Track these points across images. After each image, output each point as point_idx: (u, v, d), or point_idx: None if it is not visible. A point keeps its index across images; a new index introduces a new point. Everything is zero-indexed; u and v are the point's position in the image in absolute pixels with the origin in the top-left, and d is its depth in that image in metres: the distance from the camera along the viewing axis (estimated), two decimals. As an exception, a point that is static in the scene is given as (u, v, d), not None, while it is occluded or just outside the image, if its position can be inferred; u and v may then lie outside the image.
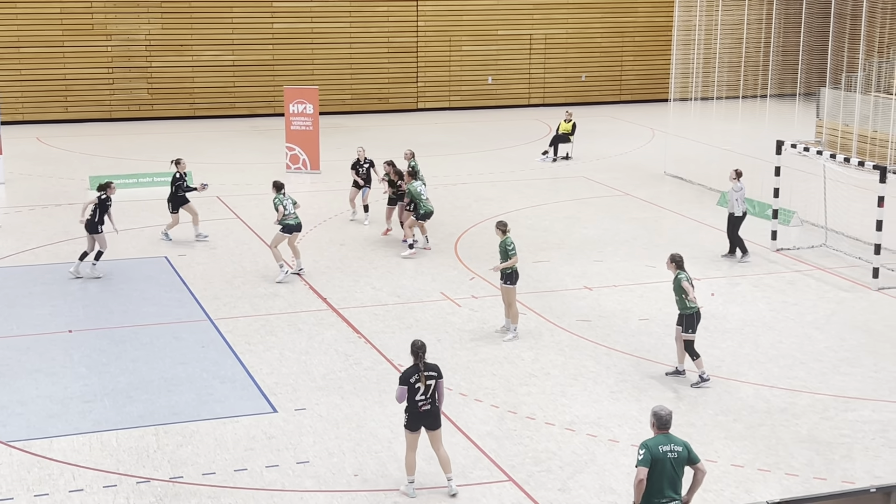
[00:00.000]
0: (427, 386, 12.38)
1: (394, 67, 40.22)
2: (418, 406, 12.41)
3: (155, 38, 37.72)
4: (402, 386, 12.40)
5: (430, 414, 12.48)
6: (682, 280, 15.63)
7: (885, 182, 19.83)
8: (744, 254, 21.55)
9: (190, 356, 16.77)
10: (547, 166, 31.13)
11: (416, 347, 12.51)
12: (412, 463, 12.62)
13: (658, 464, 10.17)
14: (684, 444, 10.38)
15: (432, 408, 12.46)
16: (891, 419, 14.72)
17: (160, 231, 23.33)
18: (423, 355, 12.47)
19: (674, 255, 15.98)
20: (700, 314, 15.83)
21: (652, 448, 10.20)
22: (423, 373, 12.39)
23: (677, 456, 10.26)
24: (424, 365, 12.45)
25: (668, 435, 10.34)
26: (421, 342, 12.57)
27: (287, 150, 29.93)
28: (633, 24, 42.49)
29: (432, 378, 12.43)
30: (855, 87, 31.40)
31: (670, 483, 10.25)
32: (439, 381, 12.49)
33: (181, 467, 13.27)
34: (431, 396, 12.43)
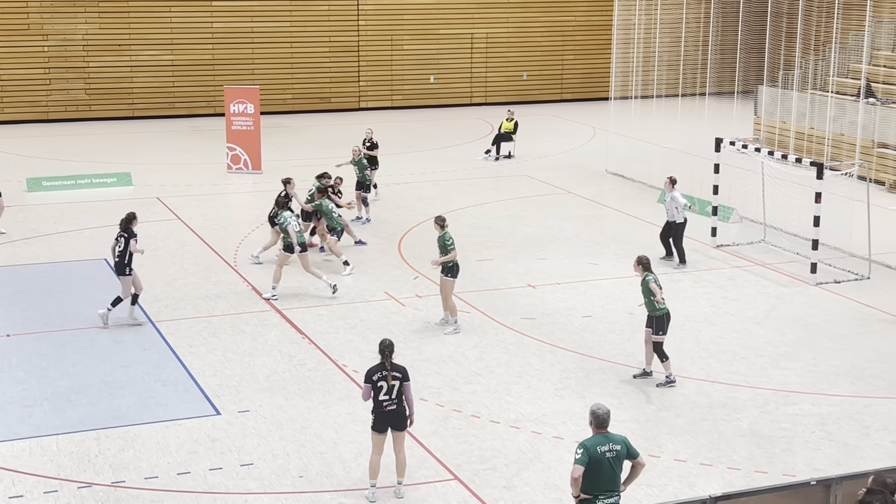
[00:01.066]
0: (391, 386, 12.30)
1: (335, 67, 40.09)
2: (383, 406, 12.34)
3: (92, 37, 37.27)
4: (367, 384, 12.35)
5: (396, 414, 12.40)
6: (650, 282, 15.63)
7: (822, 178, 20.11)
8: (681, 262, 21.53)
9: (131, 359, 16.59)
10: (489, 165, 31.20)
11: (382, 346, 12.45)
12: (376, 466, 12.52)
13: (596, 463, 10.25)
14: (623, 440, 10.47)
15: (399, 408, 12.39)
16: (830, 412, 14.94)
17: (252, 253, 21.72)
18: (389, 355, 12.40)
19: (640, 257, 15.90)
20: (670, 316, 15.87)
21: (590, 448, 10.27)
22: (389, 372, 12.32)
23: (616, 454, 10.34)
24: (391, 365, 12.38)
25: (606, 434, 10.41)
26: (388, 341, 12.51)
27: (228, 150, 29.71)
28: (574, 24, 42.72)
29: (397, 379, 12.35)
30: (792, 85, 31.82)
31: (609, 481, 10.34)
32: (405, 383, 12.40)
33: (123, 471, 13.12)
34: (398, 397, 12.35)
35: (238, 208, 26.68)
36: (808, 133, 30.02)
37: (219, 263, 21.54)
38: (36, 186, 27.37)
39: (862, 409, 15.08)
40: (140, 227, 23.14)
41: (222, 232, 23.72)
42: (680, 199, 21.32)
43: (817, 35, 36.15)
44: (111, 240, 18.37)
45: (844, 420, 14.72)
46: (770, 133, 31.73)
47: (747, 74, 38.80)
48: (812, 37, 36.13)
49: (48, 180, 27.68)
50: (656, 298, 15.55)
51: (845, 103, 30.00)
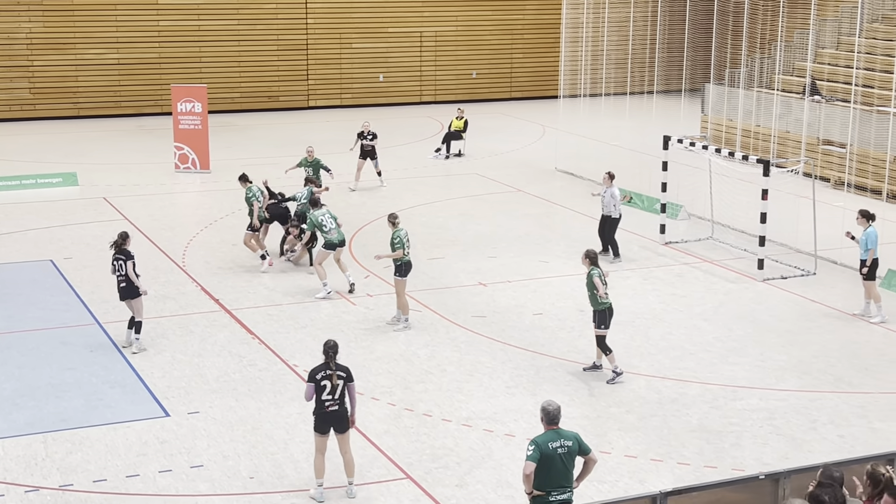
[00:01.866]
0: (335, 386, 12.26)
1: (283, 65, 39.88)
2: (325, 406, 12.30)
3: (36, 36, 36.77)
4: (310, 383, 12.30)
5: (338, 416, 12.36)
6: (594, 276, 15.72)
7: (768, 175, 20.32)
8: (616, 256, 21.69)
9: (78, 361, 16.39)
10: (439, 163, 31.20)
11: (326, 347, 12.42)
12: (321, 466, 12.49)
13: (548, 460, 10.29)
14: (574, 436, 10.52)
15: (340, 409, 12.35)
16: (777, 407, 15.10)
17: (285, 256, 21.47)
18: (333, 355, 12.36)
19: (588, 251, 16.06)
20: (612, 310, 15.96)
21: (541, 445, 10.32)
22: (334, 372, 12.27)
23: (567, 450, 10.40)
24: (336, 365, 12.34)
25: (557, 430, 10.46)
26: (333, 342, 12.49)
27: (175, 149, 29.45)
28: (522, 22, 42.83)
29: (341, 378, 12.31)
30: (738, 83, 32.13)
31: (562, 476, 10.40)
32: (349, 384, 12.37)
33: (71, 475, 12.96)
34: (340, 398, 12.31)
35: (186, 208, 26.46)
36: (754, 130, 30.33)
37: (167, 264, 21.35)
38: (-21, 187, 26.98)
39: (809, 403, 15.26)
40: (87, 228, 23.02)
41: (170, 232, 23.51)
42: (618, 194, 21.52)
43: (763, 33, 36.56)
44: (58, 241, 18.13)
45: (792, 414, 14.88)
46: (717, 131, 32.03)
47: (694, 73, 39.10)
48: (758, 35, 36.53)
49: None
50: (599, 293, 15.64)
51: (791, 101, 30.34)
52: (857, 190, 27.04)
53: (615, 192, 21.50)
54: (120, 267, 16.70)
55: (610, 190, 21.50)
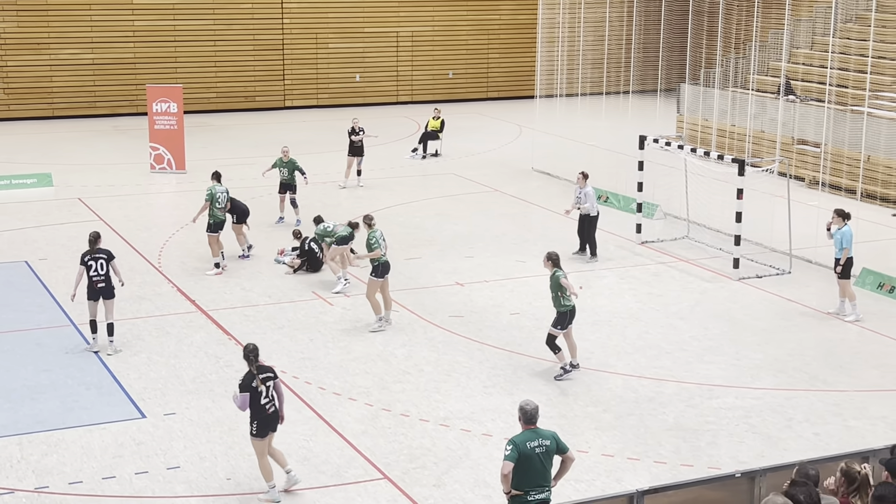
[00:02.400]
0: (267, 388, 12.25)
1: (260, 65, 39.78)
2: (266, 410, 12.26)
3: (10, 35, 36.54)
4: (245, 393, 12.16)
5: (276, 416, 12.44)
6: (560, 277, 15.79)
7: (743, 175, 20.42)
8: (593, 255, 21.76)
9: (54, 363, 16.30)
10: (416, 163, 31.19)
11: (247, 351, 12.31)
12: (268, 468, 12.44)
13: (526, 459, 10.32)
14: (552, 436, 10.55)
15: (277, 410, 12.43)
16: (753, 405, 15.18)
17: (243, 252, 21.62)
18: (254, 359, 12.29)
19: (550, 253, 16.15)
20: (574, 312, 16.02)
21: (519, 444, 10.34)
22: (258, 376, 12.22)
23: (545, 450, 10.42)
24: (258, 368, 12.28)
25: (535, 429, 10.48)
26: (253, 345, 12.41)
27: (151, 149, 29.33)
28: (499, 22, 42.88)
29: (269, 379, 12.32)
30: (713, 83, 32.26)
31: (540, 476, 10.42)
32: (276, 381, 12.40)
33: (47, 477, 12.89)
34: (273, 398, 12.35)
35: (162, 209, 26.35)
36: (729, 130, 30.47)
37: (143, 265, 21.26)
38: (-47, 188, 26.79)
39: (784, 401, 15.34)
40: (61, 229, 22.90)
41: (146, 233, 23.41)
42: (592, 192, 21.58)
43: (738, 33, 36.72)
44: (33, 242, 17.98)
45: (767, 413, 14.96)
46: (693, 130, 32.16)
47: (670, 73, 39.24)
48: (733, 35, 36.69)
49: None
50: (570, 293, 15.72)
51: (765, 101, 30.50)
52: (831, 189, 27.20)
53: (589, 191, 21.57)
54: (101, 266, 16.50)
55: (584, 190, 21.57)
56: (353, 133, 27.57)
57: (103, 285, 16.55)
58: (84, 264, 16.55)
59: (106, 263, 16.54)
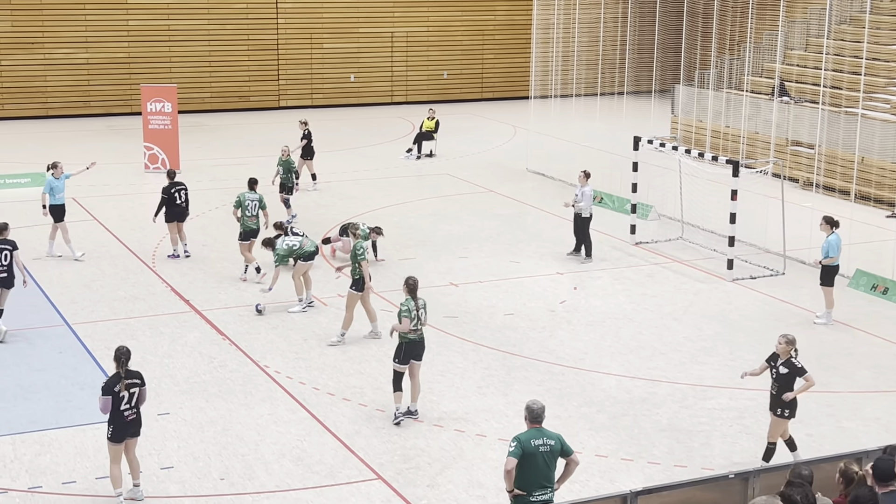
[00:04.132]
0: (131, 394, 12.03)
1: (254, 65, 39.76)
2: (124, 416, 12.05)
3: (4, 35, 36.49)
4: (106, 396, 11.96)
5: (136, 422, 12.19)
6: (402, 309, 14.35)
7: (737, 176, 20.45)
8: (587, 256, 21.75)
9: (47, 363, 16.29)
10: (411, 164, 31.20)
11: (118, 353, 12.10)
12: (117, 475, 12.19)
13: (530, 458, 10.31)
14: (557, 437, 10.53)
15: (137, 416, 12.16)
16: (747, 406, 15.19)
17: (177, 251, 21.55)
18: (125, 362, 12.06)
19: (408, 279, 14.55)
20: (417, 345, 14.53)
21: (524, 442, 10.33)
22: (124, 380, 12.01)
23: (549, 449, 10.40)
24: (126, 372, 12.05)
25: (540, 429, 10.47)
26: (125, 348, 12.21)
27: (145, 149, 29.30)
28: (494, 23, 42.90)
29: (135, 385, 12.06)
30: (708, 84, 32.31)
31: (543, 475, 10.40)
32: (142, 388, 12.14)
33: (40, 477, 12.88)
34: (136, 405, 12.11)
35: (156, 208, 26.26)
36: (723, 131, 30.51)
37: (136, 265, 21.24)
38: (-54, 187, 26.75)
39: (778, 402, 15.33)
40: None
41: (140, 233, 23.38)
42: (590, 193, 21.57)
43: (732, 35, 36.77)
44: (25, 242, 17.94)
45: (761, 413, 14.94)
46: (687, 131, 32.19)
47: (664, 74, 39.31)
48: (727, 36, 36.74)
49: None
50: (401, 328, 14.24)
51: (760, 102, 30.54)
52: (825, 190, 27.25)
53: (587, 190, 21.56)
54: (5, 257, 17.01)
55: (583, 189, 21.56)
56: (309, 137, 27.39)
57: (5, 275, 17.01)
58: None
59: (10, 254, 17.07)
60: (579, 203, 21.52)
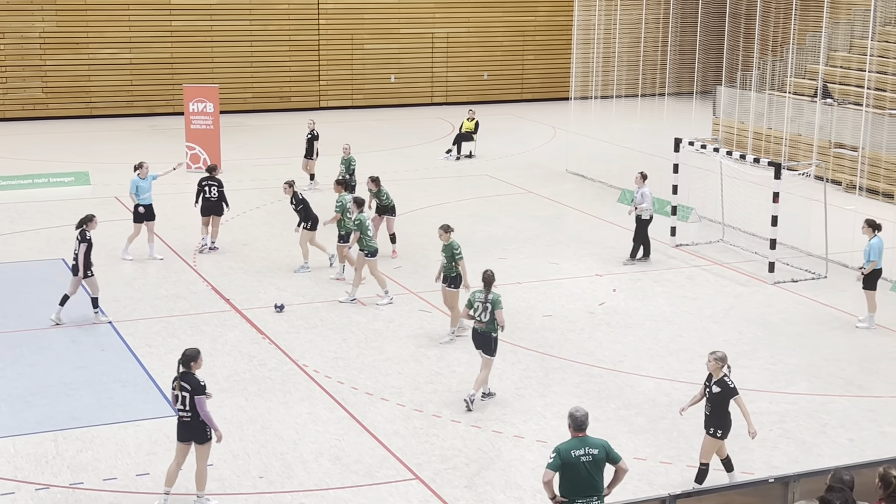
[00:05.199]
0: (183, 397, 11.94)
1: (295, 65, 39.96)
2: (179, 415, 12.07)
3: (49, 35, 36.91)
4: (171, 390, 12.12)
5: (190, 426, 12.00)
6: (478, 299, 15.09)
7: (779, 178, 20.29)
8: (646, 256, 21.68)
9: (89, 360, 16.45)
10: (450, 165, 31.22)
11: (181, 356, 12.09)
12: (172, 475, 12.16)
13: (571, 468, 10.22)
14: (601, 445, 10.41)
15: (192, 420, 11.98)
16: (787, 410, 15.08)
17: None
18: (181, 364, 12.03)
19: (484, 272, 15.27)
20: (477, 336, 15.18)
21: (563, 453, 10.24)
22: (177, 382, 11.97)
23: (592, 459, 10.28)
24: (181, 375, 12.00)
25: (583, 438, 10.37)
26: (188, 351, 12.12)
27: (187, 149, 29.52)
28: (534, 24, 42.84)
29: (186, 391, 11.92)
30: (750, 86, 32.08)
31: (587, 485, 10.29)
32: (196, 397, 11.88)
33: (81, 473, 13.01)
34: (191, 409, 11.95)
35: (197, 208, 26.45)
36: (765, 133, 30.28)
37: (178, 263, 21.41)
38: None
39: (819, 406, 15.23)
40: (98, 227, 23.02)
41: (181, 232, 23.56)
42: (649, 194, 21.41)
43: (775, 36, 36.50)
44: (70, 240, 18.18)
45: (802, 418, 14.86)
46: (728, 133, 31.99)
47: (706, 75, 39.07)
48: (770, 38, 36.48)
49: (4, 179, 27.40)
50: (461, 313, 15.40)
51: (802, 104, 30.29)
52: (868, 193, 26.98)
53: (646, 191, 21.39)
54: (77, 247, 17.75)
55: (641, 189, 21.41)
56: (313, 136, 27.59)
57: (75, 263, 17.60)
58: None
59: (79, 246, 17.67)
60: (640, 205, 21.36)
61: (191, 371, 12.03)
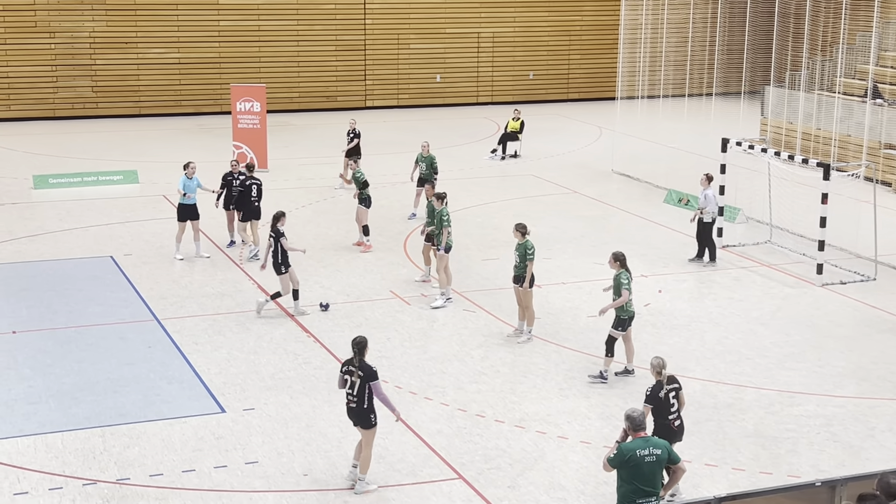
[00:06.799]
0: (353, 382, 12.33)
1: (342, 65, 40.11)
2: (347, 399, 12.51)
3: (99, 35, 37.32)
4: (339, 374, 12.59)
5: (357, 412, 12.43)
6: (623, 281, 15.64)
7: (828, 179, 20.08)
8: (711, 260, 21.51)
9: (136, 357, 16.60)
10: (495, 164, 31.19)
11: (353, 343, 12.52)
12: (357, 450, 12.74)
13: (634, 467, 10.29)
14: (664, 446, 10.48)
15: (358, 406, 12.37)
16: (835, 413, 14.92)
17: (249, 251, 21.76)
18: (358, 352, 12.40)
19: (616, 253, 15.98)
20: (633, 316, 15.90)
21: (625, 451, 10.34)
22: (356, 369, 12.33)
23: (655, 459, 10.35)
24: (359, 362, 12.36)
25: (647, 438, 10.44)
26: (360, 338, 12.56)
27: (234, 148, 29.72)
28: (580, 23, 42.71)
29: (359, 377, 12.30)
30: (799, 86, 31.78)
31: (648, 484, 10.34)
32: (370, 383, 12.29)
33: (128, 469, 13.13)
34: (359, 395, 12.32)
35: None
36: (814, 134, 29.98)
37: (224, 261, 21.56)
38: (42, 184, 27.42)
39: (867, 410, 15.06)
40: (146, 225, 23.31)
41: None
42: (712, 196, 21.22)
43: (824, 36, 36.12)
44: (118, 238, 18.34)
45: (850, 421, 14.70)
46: (777, 133, 31.70)
47: (754, 75, 38.75)
48: (819, 37, 36.10)
49: (54, 178, 27.73)
50: (621, 300, 15.59)
51: (852, 104, 29.96)
52: (919, 195, 26.63)
53: (709, 193, 21.19)
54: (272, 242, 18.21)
55: (705, 192, 21.23)
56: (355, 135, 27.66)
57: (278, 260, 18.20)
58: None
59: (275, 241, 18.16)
60: (705, 207, 21.17)
61: (364, 357, 12.41)
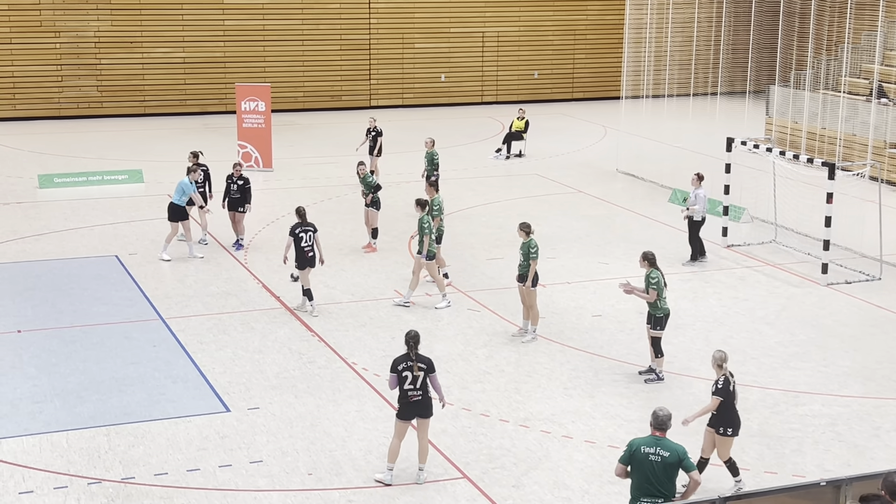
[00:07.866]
0: (416, 377, 12.49)
1: (346, 64, 40.12)
2: (408, 396, 12.57)
3: (104, 34, 37.35)
4: (392, 374, 12.60)
5: (422, 405, 12.64)
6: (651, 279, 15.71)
7: (833, 179, 20.06)
8: (701, 255, 21.54)
9: (141, 356, 16.62)
10: (500, 164, 31.19)
11: (407, 337, 12.69)
12: (396, 450, 12.79)
13: (638, 464, 10.28)
14: (676, 450, 10.38)
15: (423, 399, 12.62)
16: (840, 413, 14.90)
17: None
18: (414, 346, 12.60)
19: (646, 252, 15.94)
20: (669, 314, 15.95)
21: (633, 447, 10.34)
22: (414, 363, 12.53)
23: (661, 460, 10.29)
24: (417, 356, 12.57)
25: (659, 438, 10.41)
26: (414, 332, 12.72)
27: (239, 147, 29.74)
28: (585, 22, 42.69)
29: (422, 370, 12.54)
30: (804, 85, 31.74)
31: (651, 483, 10.30)
32: (430, 374, 12.60)
33: (133, 468, 13.15)
34: (423, 388, 12.57)
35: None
36: (819, 133, 29.94)
37: (229, 261, 21.57)
38: (47, 183, 27.45)
39: (872, 409, 15.04)
40: (151, 225, 23.31)
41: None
42: (703, 196, 21.24)
43: (829, 35, 36.07)
44: (123, 237, 18.33)
45: (855, 421, 14.69)
46: (782, 133, 31.66)
47: (759, 74, 38.72)
48: (824, 37, 36.05)
49: (60, 177, 27.77)
50: (648, 297, 15.68)
51: (857, 103, 29.92)
52: (924, 194, 26.59)
53: (700, 193, 21.22)
54: (308, 238, 18.24)
55: (696, 191, 21.25)
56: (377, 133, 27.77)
57: (311, 254, 18.32)
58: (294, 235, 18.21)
59: (312, 236, 18.30)
60: (694, 206, 21.19)
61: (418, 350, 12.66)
